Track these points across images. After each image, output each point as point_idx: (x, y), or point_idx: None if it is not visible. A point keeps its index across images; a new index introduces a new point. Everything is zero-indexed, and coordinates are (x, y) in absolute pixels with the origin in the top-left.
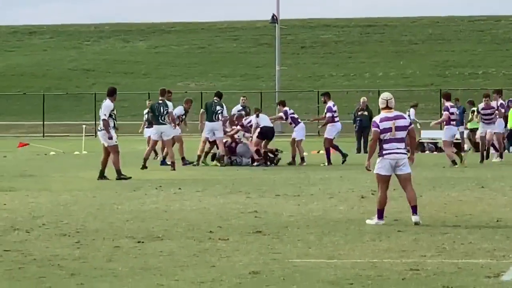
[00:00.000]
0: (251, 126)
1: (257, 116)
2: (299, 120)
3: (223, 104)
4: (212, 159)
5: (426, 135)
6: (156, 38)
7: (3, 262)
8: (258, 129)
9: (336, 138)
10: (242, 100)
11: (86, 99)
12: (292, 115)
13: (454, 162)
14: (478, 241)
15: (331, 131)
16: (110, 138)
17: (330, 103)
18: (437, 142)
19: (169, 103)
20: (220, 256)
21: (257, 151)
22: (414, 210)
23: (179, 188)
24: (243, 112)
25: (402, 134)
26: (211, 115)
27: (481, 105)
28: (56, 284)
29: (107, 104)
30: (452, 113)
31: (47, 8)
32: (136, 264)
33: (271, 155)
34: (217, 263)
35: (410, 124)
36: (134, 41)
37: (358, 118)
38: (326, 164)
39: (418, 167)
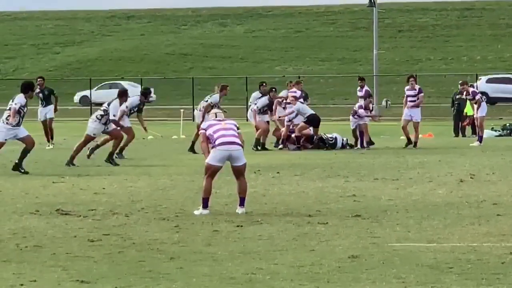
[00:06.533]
0: None
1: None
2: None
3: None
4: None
5: None
6: (253, 22)
7: (103, 246)
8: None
9: (430, 121)
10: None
11: (184, 83)
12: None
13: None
14: None
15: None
16: None
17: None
18: None
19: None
20: (319, 240)
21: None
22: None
23: (278, 172)
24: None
25: None
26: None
27: None
28: (155, 268)
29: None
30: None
31: None
32: (236, 248)
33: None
34: (316, 247)
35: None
36: (231, 25)
37: (456, 102)
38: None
39: None
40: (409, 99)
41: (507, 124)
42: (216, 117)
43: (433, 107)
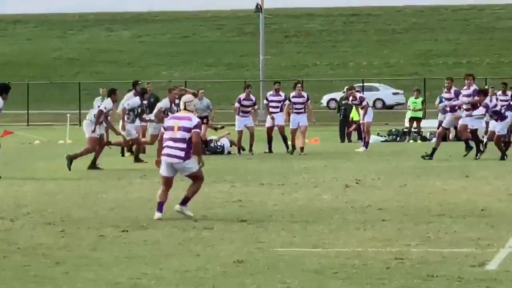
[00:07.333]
0: None
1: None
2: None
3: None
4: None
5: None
6: (140, 27)
7: None
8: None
9: (316, 127)
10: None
11: (71, 88)
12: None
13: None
14: (463, 230)
15: None
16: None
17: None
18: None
19: None
20: (205, 245)
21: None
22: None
23: None
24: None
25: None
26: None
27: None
28: (41, 273)
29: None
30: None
31: None
32: (121, 253)
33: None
34: (202, 252)
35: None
36: (118, 30)
37: (342, 107)
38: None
39: (403, 155)
40: (296, 106)
41: (393, 130)
42: (185, 107)
43: (319, 112)
